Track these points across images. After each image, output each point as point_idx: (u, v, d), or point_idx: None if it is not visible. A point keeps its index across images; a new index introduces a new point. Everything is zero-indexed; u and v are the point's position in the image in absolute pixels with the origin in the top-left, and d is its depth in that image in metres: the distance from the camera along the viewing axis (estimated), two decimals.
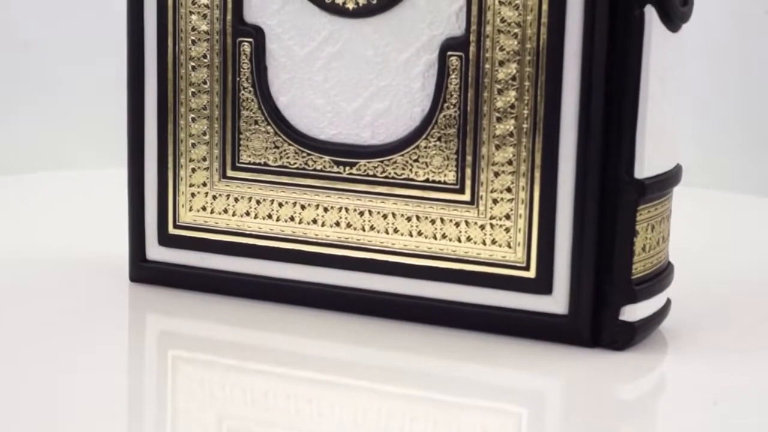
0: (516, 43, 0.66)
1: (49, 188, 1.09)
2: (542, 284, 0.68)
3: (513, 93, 0.67)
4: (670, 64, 0.67)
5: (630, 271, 0.66)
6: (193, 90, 0.73)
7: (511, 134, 0.67)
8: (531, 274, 0.68)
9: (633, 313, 0.67)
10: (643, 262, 0.67)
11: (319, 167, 0.71)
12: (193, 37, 0.73)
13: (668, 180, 0.68)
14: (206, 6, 0.72)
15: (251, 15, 0.72)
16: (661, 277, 0.69)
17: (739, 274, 0.83)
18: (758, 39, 1.27)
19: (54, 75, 1.37)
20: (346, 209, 0.71)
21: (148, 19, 0.74)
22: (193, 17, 0.73)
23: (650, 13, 0.64)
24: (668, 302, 0.71)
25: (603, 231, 0.66)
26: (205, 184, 0.74)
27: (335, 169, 0.71)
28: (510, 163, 0.67)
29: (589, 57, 0.65)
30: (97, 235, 0.89)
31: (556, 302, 0.68)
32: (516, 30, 0.66)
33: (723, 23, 1.26)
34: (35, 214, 0.97)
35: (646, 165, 0.66)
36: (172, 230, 0.75)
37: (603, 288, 0.67)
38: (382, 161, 0.70)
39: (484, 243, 0.69)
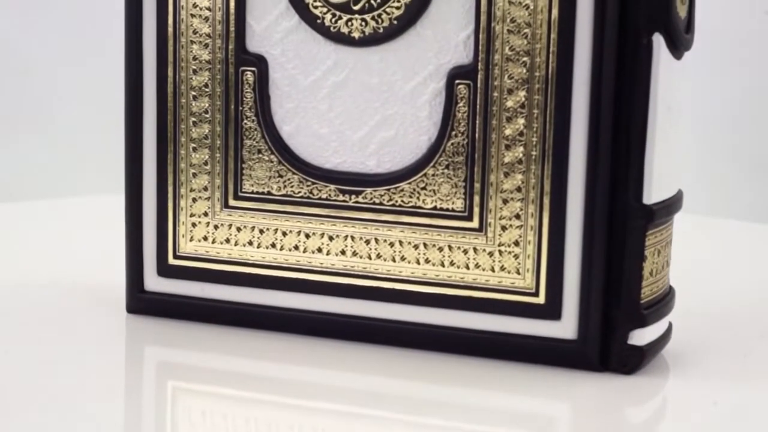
0: (525, 71, 0.67)
1: (46, 216, 1.08)
2: (551, 310, 0.68)
3: (522, 120, 0.67)
4: (675, 91, 0.67)
5: (639, 295, 0.67)
6: (194, 119, 0.73)
7: (519, 161, 0.67)
8: (540, 300, 0.68)
9: (641, 337, 0.68)
10: (650, 287, 0.68)
11: (324, 196, 0.71)
12: (194, 67, 0.72)
13: (673, 205, 0.69)
14: (208, 35, 0.72)
15: (254, 44, 0.72)
16: (665, 300, 0.70)
17: (734, 298, 0.84)
18: (759, 46, 1.29)
19: (53, 102, 1.36)
20: (352, 237, 0.71)
21: (147, 48, 0.73)
22: (194, 47, 0.72)
23: (658, 42, 0.65)
24: (670, 326, 0.71)
25: (611, 256, 0.67)
26: (206, 214, 0.74)
27: (341, 197, 0.71)
28: (519, 190, 0.68)
29: (598, 85, 0.65)
30: (93, 264, 0.88)
31: (564, 328, 0.68)
32: (525, 58, 0.67)
33: (722, 33, 1.27)
34: (31, 242, 0.96)
35: (654, 191, 0.67)
36: (171, 261, 0.75)
37: (611, 313, 0.67)
38: (388, 189, 0.70)
39: (492, 270, 0.69)
